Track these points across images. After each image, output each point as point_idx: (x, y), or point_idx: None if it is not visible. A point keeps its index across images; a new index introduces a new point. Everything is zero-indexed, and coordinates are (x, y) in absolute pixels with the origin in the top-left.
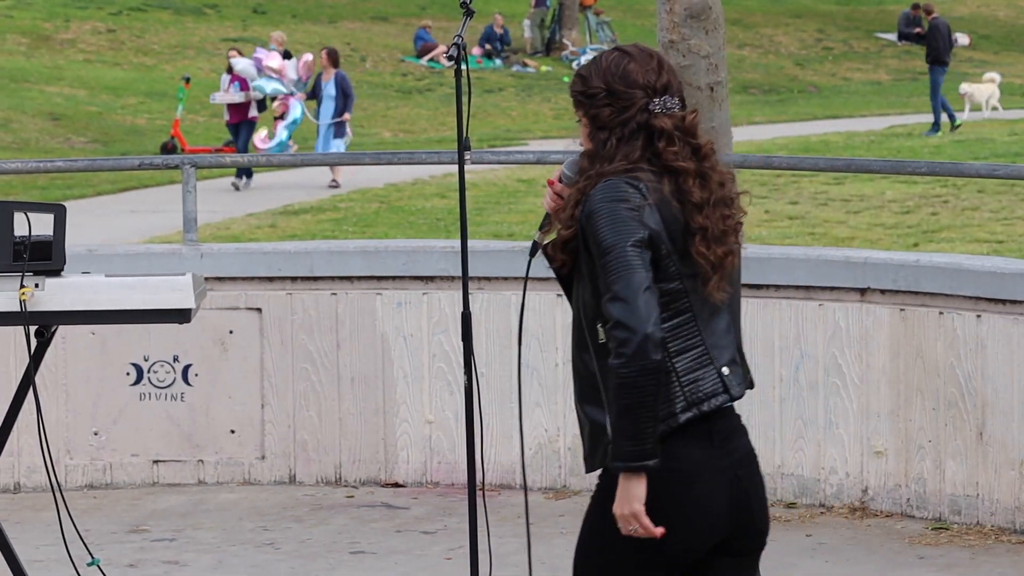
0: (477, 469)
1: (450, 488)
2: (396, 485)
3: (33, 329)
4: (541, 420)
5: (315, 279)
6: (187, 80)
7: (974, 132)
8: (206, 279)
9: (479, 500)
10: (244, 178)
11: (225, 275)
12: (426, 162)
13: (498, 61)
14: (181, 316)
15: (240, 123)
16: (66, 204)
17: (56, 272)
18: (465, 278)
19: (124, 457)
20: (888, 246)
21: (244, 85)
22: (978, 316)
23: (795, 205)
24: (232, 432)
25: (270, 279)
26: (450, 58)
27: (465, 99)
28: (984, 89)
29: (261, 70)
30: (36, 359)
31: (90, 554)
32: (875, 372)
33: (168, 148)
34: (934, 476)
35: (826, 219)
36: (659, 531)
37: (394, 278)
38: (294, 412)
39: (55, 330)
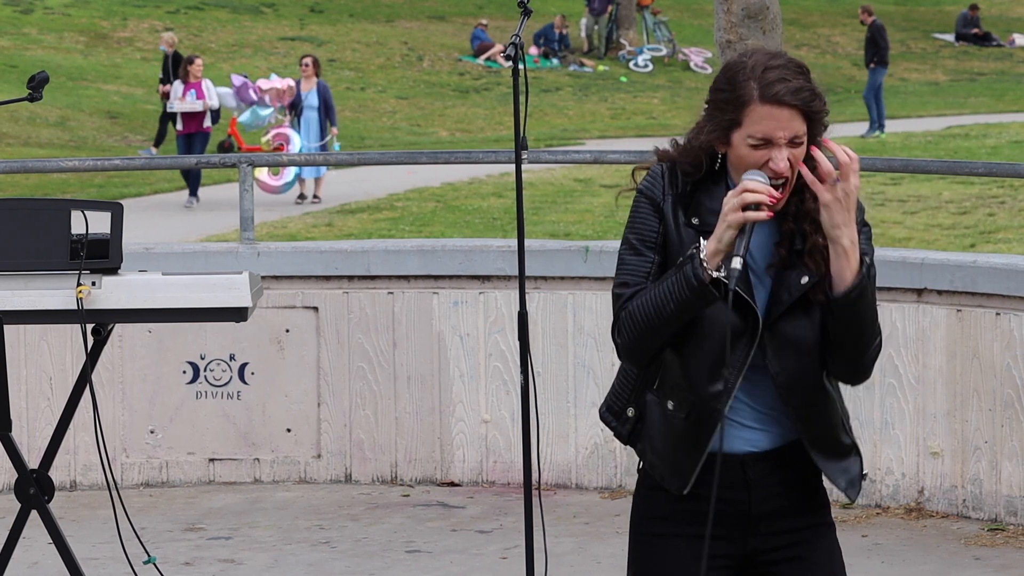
0: (533, 468)
1: (506, 487)
2: (452, 484)
3: (90, 327)
4: (597, 420)
5: (372, 278)
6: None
7: None
8: (263, 278)
9: (535, 499)
10: (194, 200)
11: (282, 274)
12: (483, 161)
13: (555, 60)
14: (238, 315)
15: (194, 134)
16: (123, 202)
17: (113, 270)
18: (522, 277)
19: (180, 455)
20: (945, 247)
21: (200, 93)
22: None
23: None
24: (288, 431)
25: (327, 278)
26: (507, 57)
27: (522, 98)
28: None
29: (248, 100)
30: (93, 357)
31: (146, 552)
32: (931, 372)
33: (225, 147)
34: (990, 477)
35: (883, 219)
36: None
37: (451, 277)
38: (350, 411)
39: (112, 328)
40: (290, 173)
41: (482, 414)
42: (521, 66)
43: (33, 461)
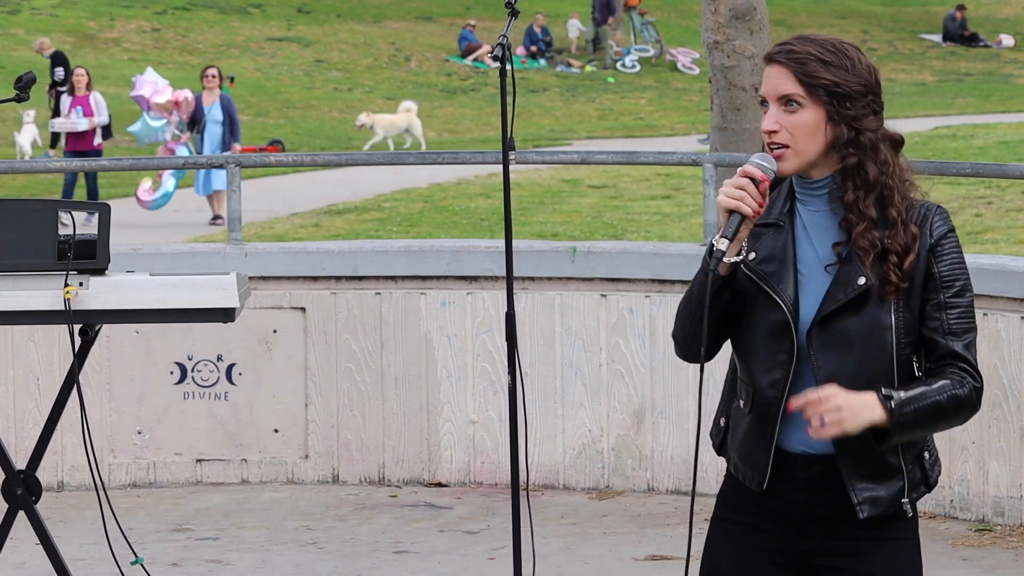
0: (520, 469)
1: (493, 488)
2: (439, 485)
3: (77, 328)
4: (585, 420)
5: (359, 279)
6: (231, 80)
7: (1019, 133)
8: (250, 278)
9: (522, 500)
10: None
11: (269, 274)
12: (470, 162)
13: (542, 61)
14: (225, 315)
15: (84, 154)
16: (110, 203)
17: (100, 271)
18: (510, 278)
19: (167, 456)
20: None
21: (88, 110)
22: (1022, 317)
23: None
24: (276, 431)
25: (314, 279)
26: (495, 58)
27: (510, 99)
28: (399, 120)
29: (149, 108)
30: (80, 358)
31: (134, 553)
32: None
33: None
34: (977, 478)
35: None
36: None
37: (438, 278)
38: (338, 411)
39: (99, 329)
40: (164, 188)
41: (470, 415)
42: (509, 67)
43: (20, 462)
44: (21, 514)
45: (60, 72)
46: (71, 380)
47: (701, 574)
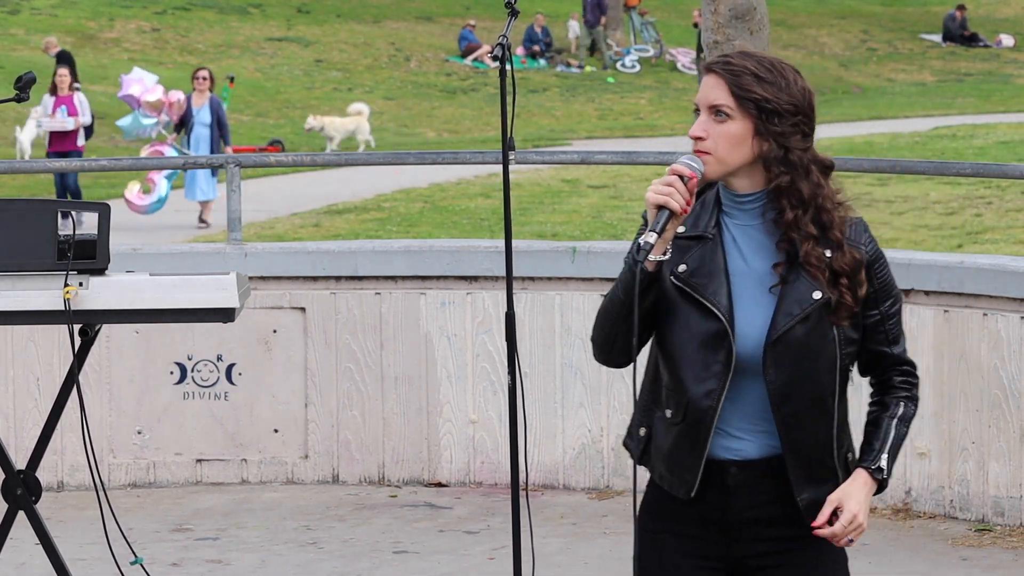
0: (520, 469)
1: (493, 488)
2: (439, 485)
3: (77, 328)
4: (585, 420)
5: (359, 279)
6: (231, 79)
7: (1019, 133)
8: (250, 278)
9: (522, 500)
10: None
11: (269, 274)
12: (470, 162)
13: (542, 61)
14: (225, 315)
15: (67, 154)
16: (110, 203)
17: (100, 271)
18: (509, 278)
19: (167, 456)
20: (932, 247)
21: (72, 109)
22: (1022, 317)
23: None
24: (276, 431)
25: (314, 279)
26: (494, 58)
27: (509, 99)
28: (348, 123)
29: (139, 106)
30: (80, 358)
31: (133, 553)
32: (919, 373)
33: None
34: (977, 478)
35: (870, 220)
36: None
37: (438, 278)
38: (338, 412)
39: (99, 329)
40: (158, 193)
41: (469, 415)
42: (508, 67)
43: (20, 462)
44: (21, 514)
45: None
46: (71, 380)
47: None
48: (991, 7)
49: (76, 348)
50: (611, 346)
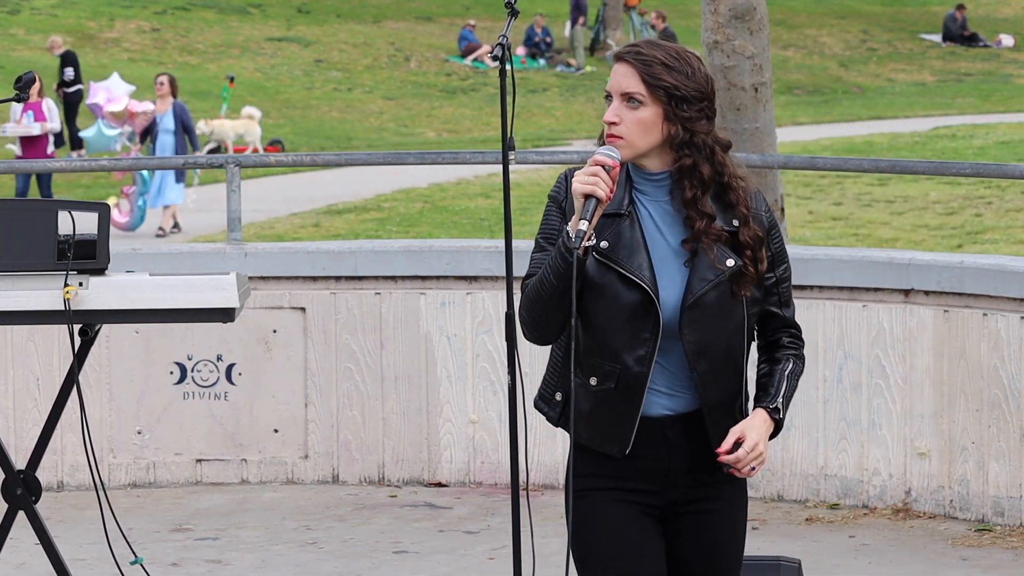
0: (520, 469)
1: (493, 488)
2: (439, 485)
3: (77, 328)
4: None
5: (359, 279)
6: (231, 79)
7: (1019, 133)
8: (250, 278)
9: (522, 500)
10: None
11: (269, 274)
12: (470, 162)
13: (542, 61)
14: (225, 315)
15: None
16: (110, 203)
17: (100, 271)
18: (509, 278)
19: (167, 456)
20: (932, 247)
21: (40, 115)
22: (1022, 317)
23: (839, 206)
24: (275, 431)
25: (314, 279)
26: (494, 58)
27: (509, 99)
28: (238, 126)
29: (102, 116)
30: (80, 358)
31: (133, 553)
32: (919, 373)
33: (212, 148)
34: (977, 478)
35: (870, 220)
36: None
37: (438, 278)
38: (337, 412)
39: (99, 329)
40: (136, 205)
41: (469, 415)
42: (508, 67)
43: (20, 462)
44: (21, 514)
45: (70, 72)
46: (71, 380)
47: (576, 543)
48: (991, 7)
49: (76, 348)
50: (546, 326)
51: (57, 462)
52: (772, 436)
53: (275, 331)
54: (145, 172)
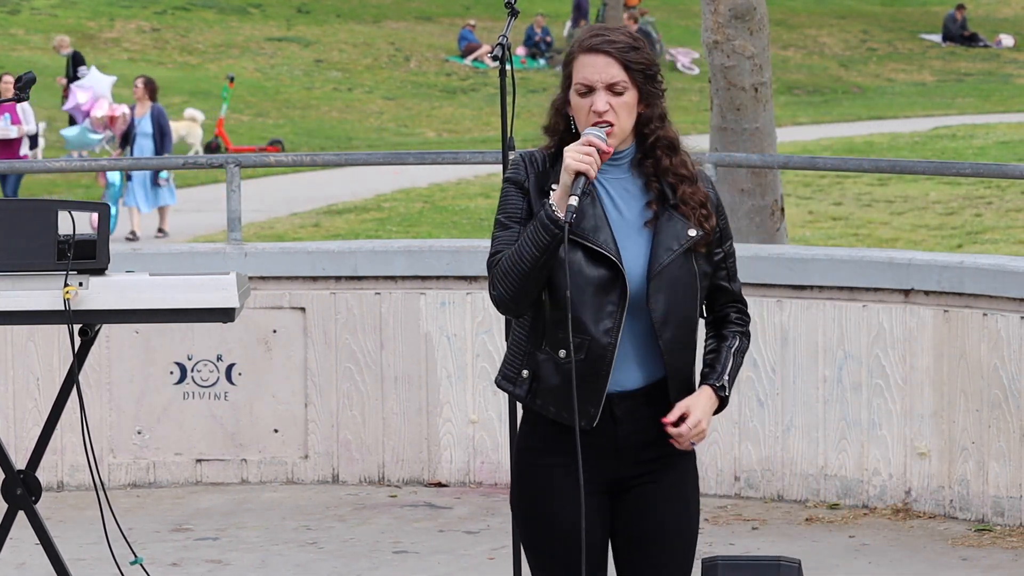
0: None
1: (493, 488)
2: (439, 485)
3: (77, 328)
4: None
5: (359, 279)
6: (231, 79)
7: (1019, 133)
8: (250, 278)
9: None
10: None
11: (269, 274)
12: (470, 162)
13: (542, 61)
14: (225, 315)
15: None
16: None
17: (100, 271)
18: None
19: (167, 456)
20: (932, 247)
21: (15, 117)
22: (1022, 317)
23: (839, 206)
24: (276, 431)
25: (314, 279)
26: (494, 58)
27: (509, 99)
28: (180, 127)
29: (81, 118)
30: (80, 358)
31: (133, 553)
32: (919, 373)
33: (212, 147)
34: (977, 478)
35: (870, 220)
36: None
37: (438, 278)
38: (337, 411)
39: (99, 329)
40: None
41: (469, 415)
42: (508, 67)
43: (20, 462)
44: (21, 514)
45: (84, 70)
46: (71, 380)
47: (524, 518)
48: (991, 7)
49: (76, 348)
50: (523, 298)
51: (57, 462)
52: (716, 412)
53: (275, 331)
54: (116, 180)
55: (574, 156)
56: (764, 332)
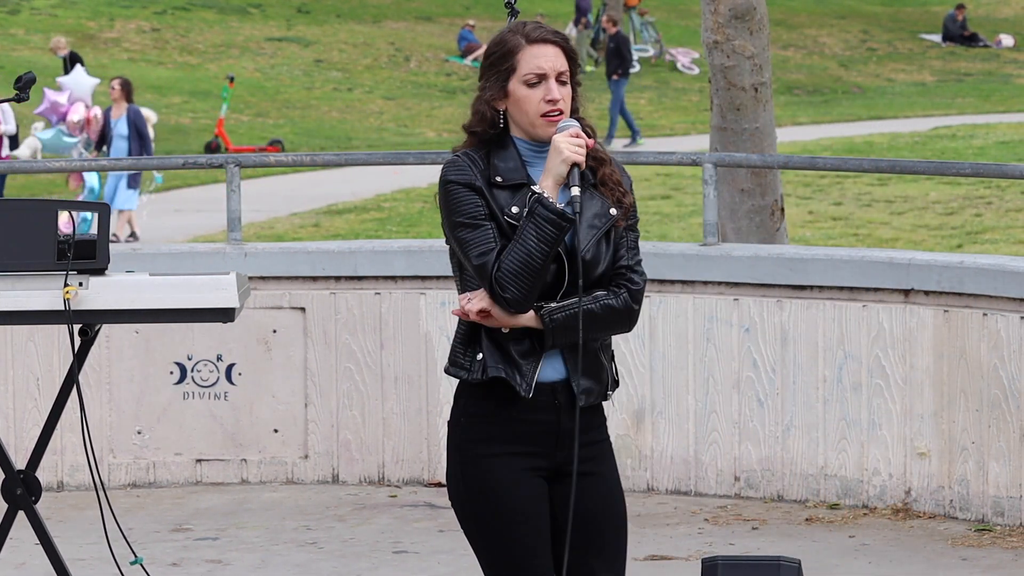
0: None
1: None
2: (439, 485)
3: (77, 328)
4: None
5: (359, 279)
6: (231, 79)
7: (1019, 133)
8: (250, 278)
9: None
10: None
11: (269, 274)
12: None
13: None
14: (225, 315)
15: None
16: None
17: (100, 271)
18: None
19: (167, 456)
20: (932, 247)
21: None
22: (1022, 317)
23: (839, 206)
24: (275, 431)
25: (314, 279)
26: None
27: None
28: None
29: (58, 119)
30: (80, 358)
31: (133, 553)
32: (919, 373)
33: (212, 147)
34: (977, 477)
35: (870, 220)
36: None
37: (438, 278)
38: (337, 411)
39: (99, 329)
40: (81, 216)
41: None
42: None
43: (20, 462)
44: (21, 514)
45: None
46: (71, 380)
47: (471, 503)
48: (991, 7)
49: (76, 348)
50: (535, 293)
51: (57, 462)
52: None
53: (275, 331)
54: (95, 184)
55: (569, 147)
56: (764, 332)
